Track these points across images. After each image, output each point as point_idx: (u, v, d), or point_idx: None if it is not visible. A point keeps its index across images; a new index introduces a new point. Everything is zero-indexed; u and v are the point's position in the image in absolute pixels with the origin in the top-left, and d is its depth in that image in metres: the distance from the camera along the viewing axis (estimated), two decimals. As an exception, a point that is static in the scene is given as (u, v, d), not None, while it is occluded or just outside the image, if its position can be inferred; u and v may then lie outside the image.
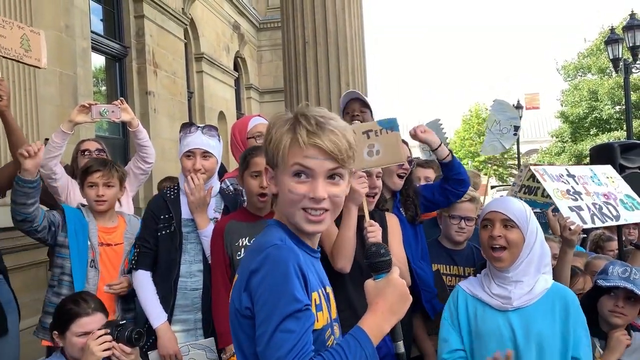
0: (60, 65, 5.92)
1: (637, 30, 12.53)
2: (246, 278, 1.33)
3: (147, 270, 2.83)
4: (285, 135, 1.37)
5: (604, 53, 24.09)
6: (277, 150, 1.38)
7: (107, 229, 3.05)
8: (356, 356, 1.28)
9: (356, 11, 5.41)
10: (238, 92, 14.24)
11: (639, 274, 2.57)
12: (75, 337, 2.43)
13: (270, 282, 1.28)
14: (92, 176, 3.00)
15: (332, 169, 1.37)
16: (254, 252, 1.37)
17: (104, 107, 3.32)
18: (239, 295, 1.35)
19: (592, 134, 28.16)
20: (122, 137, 8.33)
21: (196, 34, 11.44)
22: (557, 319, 2.16)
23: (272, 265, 1.29)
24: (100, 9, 8.32)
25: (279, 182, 1.41)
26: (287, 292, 1.26)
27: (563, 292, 2.25)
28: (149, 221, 2.86)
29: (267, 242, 1.35)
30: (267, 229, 1.46)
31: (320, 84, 5.10)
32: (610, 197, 3.33)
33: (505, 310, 2.18)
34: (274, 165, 1.41)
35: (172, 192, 2.91)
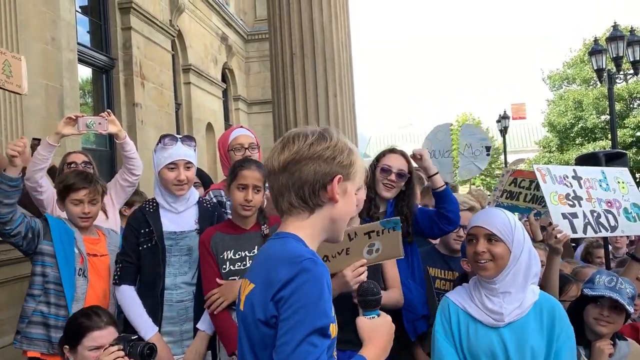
0: (46, 77, 5.89)
1: (620, 41, 12.74)
2: (276, 287, 1.33)
3: (131, 285, 2.82)
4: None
5: (588, 64, 24.45)
6: (354, 166, 1.50)
7: (92, 240, 3.04)
8: None
9: (343, 23, 5.45)
10: (226, 104, 14.23)
11: (625, 283, 2.59)
12: (87, 352, 2.39)
13: (305, 294, 1.30)
14: (77, 193, 2.97)
15: None
16: (280, 262, 1.37)
17: (90, 119, 3.30)
18: (263, 304, 1.36)
19: (578, 144, 28.48)
20: (108, 149, 8.28)
21: (184, 45, 11.45)
22: (545, 330, 2.15)
23: (310, 278, 1.32)
24: (86, 21, 8.30)
25: (347, 194, 1.50)
26: (320, 306, 1.31)
27: (550, 302, 2.24)
28: (130, 236, 2.85)
29: (299, 255, 1.37)
30: (287, 241, 1.45)
31: (308, 95, 5.10)
32: (614, 205, 3.22)
33: (497, 327, 2.16)
34: (347, 177, 1.49)
35: (151, 205, 2.90)
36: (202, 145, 11.82)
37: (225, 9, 13.59)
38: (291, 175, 1.47)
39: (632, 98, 27.84)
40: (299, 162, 1.46)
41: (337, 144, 1.48)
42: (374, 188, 3.01)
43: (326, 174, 1.46)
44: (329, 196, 1.46)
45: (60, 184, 3.05)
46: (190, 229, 2.86)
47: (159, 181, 2.88)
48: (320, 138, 1.49)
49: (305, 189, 1.46)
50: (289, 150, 1.49)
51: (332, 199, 1.46)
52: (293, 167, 1.47)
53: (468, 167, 5.84)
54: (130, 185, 3.71)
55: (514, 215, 2.30)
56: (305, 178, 1.46)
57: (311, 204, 1.47)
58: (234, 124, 13.67)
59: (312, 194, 1.46)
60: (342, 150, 1.48)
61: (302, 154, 1.47)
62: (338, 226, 1.52)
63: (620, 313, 2.58)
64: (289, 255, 1.38)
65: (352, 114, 5.52)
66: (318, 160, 1.45)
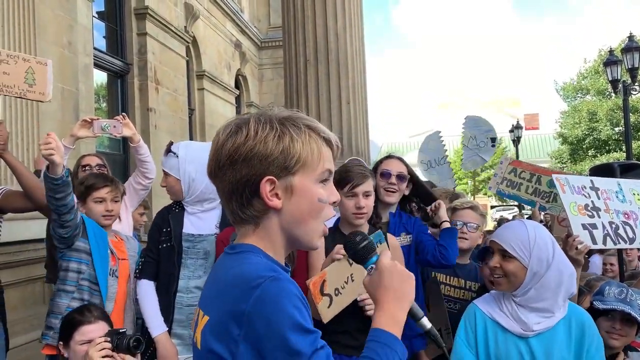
0: (62, 81, 5.95)
1: (636, 52, 12.63)
2: (245, 324, 1.06)
3: (151, 280, 2.86)
4: (311, 139, 1.19)
5: (603, 75, 24.30)
6: (295, 155, 1.17)
7: (115, 243, 3.05)
8: (389, 358, 1.17)
9: (357, 31, 5.47)
10: (239, 110, 14.31)
11: (635, 295, 2.55)
12: (79, 346, 2.42)
13: (285, 322, 1.05)
14: (99, 192, 3.00)
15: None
16: (236, 287, 1.10)
17: (105, 122, 3.33)
18: (225, 341, 1.09)
19: (591, 155, 28.25)
20: (122, 153, 8.35)
21: (198, 51, 11.54)
22: (573, 342, 2.11)
23: (279, 301, 1.06)
24: (103, 26, 8.40)
25: (297, 191, 1.18)
26: (304, 325, 1.08)
27: (580, 314, 2.18)
28: (154, 232, 2.92)
29: (257, 276, 1.09)
30: (243, 257, 1.17)
31: (321, 101, 5.12)
32: (631, 216, 3.18)
33: (526, 337, 2.13)
34: (282, 173, 1.16)
35: (177, 206, 2.95)
36: (214, 150, 11.86)
37: (239, 16, 13.69)
38: (219, 185, 1.22)
39: (647, 110, 27.58)
40: (220, 168, 1.19)
41: (257, 135, 1.15)
42: (377, 195, 2.96)
43: (248, 179, 1.15)
44: (264, 205, 1.17)
45: (81, 185, 3.07)
46: (209, 233, 2.88)
47: None
48: (234, 132, 1.17)
49: (233, 202, 1.19)
50: (211, 152, 1.22)
51: (269, 207, 1.17)
52: (217, 176, 1.20)
53: (472, 159, 5.79)
54: (143, 189, 3.73)
55: (542, 231, 2.18)
56: (229, 189, 1.19)
57: (246, 217, 1.19)
58: (246, 130, 13.70)
59: (243, 206, 1.18)
60: (263, 140, 1.14)
61: (219, 157, 1.18)
62: (300, 232, 1.21)
63: (632, 325, 2.54)
64: (246, 275, 1.11)
65: (365, 122, 5.53)
66: (235, 164, 1.16)
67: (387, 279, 1.27)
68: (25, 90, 3.08)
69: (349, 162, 2.93)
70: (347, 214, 2.60)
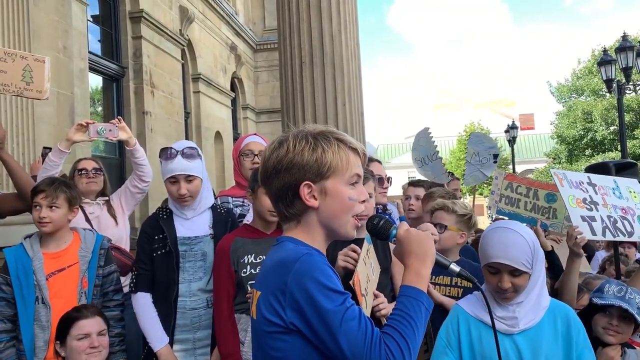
0: (57, 85, 5.95)
1: (630, 51, 12.70)
2: (287, 293, 1.32)
3: (147, 292, 2.81)
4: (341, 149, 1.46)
5: (597, 75, 24.40)
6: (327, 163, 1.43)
7: (57, 254, 2.89)
8: (417, 311, 1.38)
9: (352, 33, 5.48)
10: (235, 112, 14.30)
11: (634, 293, 2.56)
12: (75, 341, 2.42)
13: (315, 287, 1.30)
14: (36, 197, 2.86)
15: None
16: (280, 266, 1.37)
17: (101, 126, 3.32)
18: (275, 310, 1.34)
19: (587, 155, 28.36)
20: (118, 156, 8.34)
21: (193, 54, 11.53)
22: (560, 337, 2.13)
23: (311, 271, 1.32)
24: (98, 30, 8.40)
25: (330, 193, 1.44)
26: (334, 288, 1.31)
27: (563, 308, 2.22)
28: (143, 242, 2.84)
29: (295, 254, 1.37)
30: (283, 246, 1.45)
31: (317, 103, 5.13)
32: (629, 212, 3.23)
33: (512, 334, 2.14)
34: (317, 178, 1.43)
35: (164, 212, 2.90)
36: (210, 153, 11.87)
37: (234, 19, 13.70)
38: (268, 191, 1.51)
39: (641, 109, 27.70)
40: (268, 177, 1.48)
41: (295, 148, 1.43)
42: None
43: (290, 184, 1.44)
44: (304, 204, 1.44)
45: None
46: (204, 234, 2.86)
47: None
48: (277, 147, 1.47)
49: (279, 203, 1.48)
50: (260, 165, 1.53)
51: (307, 207, 1.44)
52: (266, 184, 1.50)
53: (474, 175, 5.88)
54: (140, 192, 3.73)
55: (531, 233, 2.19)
56: (276, 193, 1.47)
57: (290, 215, 1.47)
58: (242, 133, 13.75)
59: (287, 206, 1.46)
60: (300, 152, 1.43)
61: (267, 168, 1.48)
62: (336, 226, 1.47)
63: (629, 323, 2.55)
64: (287, 257, 1.38)
65: (361, 123, 5.54)
66: (279, 173, 1.44)
67: (406, 244, 1.51)
68: (23, 89, 3.06)
69: None
70: None
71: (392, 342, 1.31)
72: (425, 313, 1.40)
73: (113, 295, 2.95)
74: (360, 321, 1.30)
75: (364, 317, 1.32)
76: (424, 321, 1.40)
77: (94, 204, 3.66)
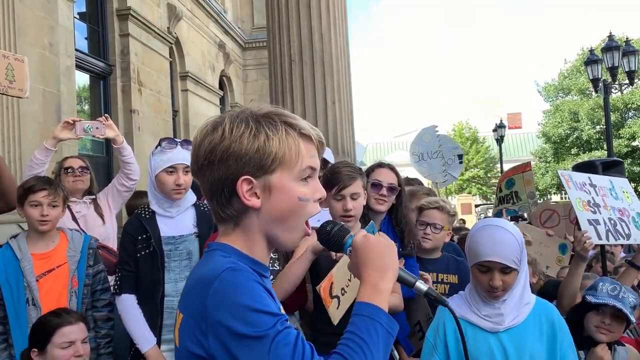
0: (43, 83, 5.87)
1: (616, 51, 12.83)
2: (208, 318, 1.07)
3: (131, 294, 2.78)
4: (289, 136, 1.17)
5: (584, 74, 24.61)
6: (272, 153, 1.15)
7: (46, 254, 2.86)
8: (371, 333, 1.12)
9: (341, 31, 5.47)
10: (223, 111, 14.21)
11: (627, 292, 2.58)
12: (59, 350, 2.35)
13: (236, 309, 1.05)
14: (35, 195, 2.81)
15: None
16: (201, 285, 1.11)
17: (88, 124, 3.29)
18: (197, 339, 1.09)
19: (573, 154, 28.60)
20: (105, 155, 8.27)
21: (181, 52, 11.46)
22: (545, 336, 2.14)
23: (233, 290, 1.07)
24: (84, 27, 8.31)
25: (276, 190, 1.17)
26: (261, 309, 1.06)
27: (548, 308, 2.24)
28: (126, 243, 2.80)
29: (215, 270, 1.11)
30: (211, 256, 1.19)
31: (306, 102, 5.12)
32: (625, 213, 3.22)
33: (497, 332, 2.15)
34: (259, 172, 1.15)
35: (147, 211, 2.86)
36: (198, 152, 11.81)
37: (223, 17, 13.63)
38: (201, 184, 1.23)
39: (627, 108, 28.00)
40: (200, 168, 1.19)
41: (232, 134, 1.14)
42: (367, 203, 2.89)
43: (225, 178, 1.15)
44: (242, 204, 1.16)
45: (20, 188, 2.91)
46: (188, 233, 2.84)
47: (154, 185, 2.83)
48: (210, 132, 1.17)
49: (213, 202, 1.20)
50: (191, 153, 1.24)
51: (247, 207, 1.16)
52: (197, 176, 1.22)
53: (445, 178, 5.95)
54: (127, 190, 3.70)
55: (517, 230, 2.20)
56: (209, 188, 1.19)
57: (226, 216, 1.20)
58: (231, 132, 13.66)
59: (223, 205, 1.18)
60: (238, 139, 1.13)
61: (198, 157, 1.19)
62: (281, 231, 1.20)
63: (621, 322, 2.57)
64: (208, 273, 1.12)
65: (350, 122, 5.53)
66: (212, 164, 1.16)
67: (363, 254, 1.24)
68: (7, 87, 3.03)
69: (337, 164, 2.89)
70: (335, 216, 2.57)
71: None
72: (384, 335, 1.14)
73: (101, 295, 2.94)
74: (295, 347, 1.05)
75: (300, 342, 1.07)
76: (383, 345, 1.13)
77: (80, 203, 3.62)
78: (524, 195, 4.79)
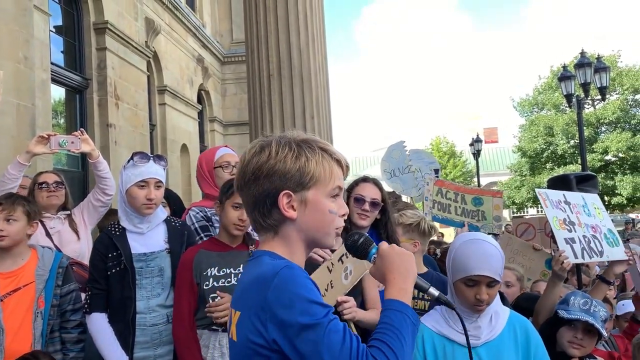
0: (18, 97, 5.78)
1: (588, 67, 13.14)
2: (268, 310, 1.25)
3: (102, 312, 2.73)
4: (324, 159, 1.39)
5: (557, 90, 25.14)
6: (310, 173, 1.37)
7: (12, 273, 2.75)
8: (403, 324, 1.32)
9: (320, 46, 5.51)
10: (202, 125, 14.18)
11: (598, 306, 2.61)
12: None
13: (296, 301, 1.24)
14: None
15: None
16: (259, 283, 1.29)
17: (63, 138, 3.24)
18: (257, 330, 1.27)
19: (549, 168, 29.10)
20: (81, 170, 8.15)
21: (159, 66, 11.42)
22: (520, 348, 2.16)
23: (292, 284, 1.26)
24: (61, 41, 8.23)
25: (311, 204, 1.37)
26: (315, 300, 1.26)
27: (522, 321, 2.25)
28: (97, 261, 2.75)
29: (274, 268, 1.30)
30: (260, 260, 1.37)
31: (285, 116, 5.12)
32: (597, 230, 3.24)
33: (475, 347, 2.15)
34: (298, 188, 1.36)
35: (117, 228, 2.81)
36: (176, 166, 11.72)
37: (201, 31, 13.63)
38: (244, 197, 1.43)
39: (599, 123, 28.65)
40: (246, 183, 1.40)
41: (278, 155, 1.36)
42: (349, 217, 2.89)
43: (269, 192, 1.36)
44: (281, 215, 1.37)
45: None
46: (160, 249, 2.80)
47: (124, 201, 2.79)
48: (258, 152, 1.39)
49: (256, 212, 1.40)
50: (237, 169, 1.45)
51: (285, 217, 1.37)
52: (243, 189, 1.42)
53: (421, 191, 5.97)
54: (102, 206, 3.64)
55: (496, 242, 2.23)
56: (252, 200, 1.39)
57: (267, 226, 1.40)
58: (209, 146, 13.62)
59: (264, 215, 1.39)
60: (283, 159, 1.35)
61: (245, 173, 1.39)
62: (316, 237, 1.41)
63: (593, 336, 2.60)
64: (265, 272, 1.30)
65: (329, 136, 5.55)
66: (258, 179, 1.37)
67: (389, 260, 1.44)
68: None
69: None
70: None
71: (379, 354, 1.25)
72: (412, 327, 1.34)
73: (71, 316, 2.82)
74: (344, 335, 1.24)
75: (348, 331, 1.26)
76: (412, 335, 1.33)
77: (54, 219, 3.55)
78: (490, 217, 4.86)
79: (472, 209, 4.93)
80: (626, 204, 28.82)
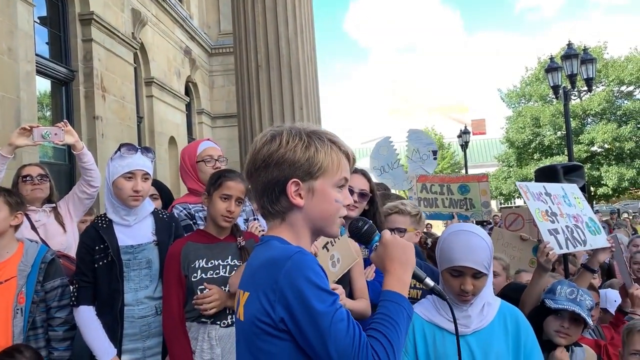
0: (2, 89, 5.70)
1: (575, 59, 13.20)
2: (278, 291, 1.29)
3: (89, 305, 2.71)
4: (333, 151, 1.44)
5: (544, 82, 25.28)
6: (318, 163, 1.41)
7: None
8: (400, 315, 1.38)
9: (309, 37, 5.47)
10: (189, 117, 14.09)
11: (584, 295, 2.63)
12: None
13: (307, 286, 1.28)
14: None
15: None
16: (270, 265, 1.34)
17: (46, 130, 3.19)
18: (265, 310, 1.31)
19: (536, 159, 29.29)
20: (67, 162, 8.07)
21: (146, 58, 11.31)
22: (510, 337, 2.17)
23: (304, 269, 1.30)
24: (45, 32, 8.11)
25: (318, 193, 1.42)
26: (325, 288, 1.30)
27: (512, 310, 2.27)
28: (83, 254, 2.73)
29: (286, 251, 1.34)
30: (270, 244, 1.41)
31: (274, 108, 5.09)
32: (579, 219, 3.26)
33: (464, 335, 2.16)
34: (306, 177, 1.41)
35: (103, 221, 2.79)
36: (164, 159, 11.64)
37: (189, 22, 13.51)
38: (253, 183, 1.48)
39: (585, 114, 28.84)
40: (256, 170, 1.45)
41: (288, 144, 1.41)
42: None
43: (278, 180, 1.41)
44: (289, 202, 1.42)
45: None
46: (147, 241, 2.78)
47: (111, 193, 2.77)
48: (269, 141, 1.44)
49: (264, 199, 1.45)
50: (248, 156, 1.49)
51: (293, 205, 1.42)
52: (253, 176, 1.47)
53: (416, 172, 5.97)
54: (88, 198, 3.60)
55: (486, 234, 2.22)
56: (262, 187, 1.44)
57: (275, 212, 1.45)
58: (197, 138, 13.53)
59: (272, 202, 1.44)
60: (293, 149, 1.41)
61: (256, 161, 1.45)
62: (321, 225, 1.47)
63: (579, 325, 2.63)
64: (277, 255, 1.35)
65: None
66: (268, 167, 1.42)
67: (391, 250, 1.51)
68: None
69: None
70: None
71: (378, 345, 1.31)
72: (407, 319, 1.40)
73: (55, 313, 2.76)
74: (348, 324, 1.29)
75: (351, 320, 1.30)
76: (406, 327, 1.40)
77: (40, 212, 3.51)
78: (478, 204, 4.88)
79: (459, 198, 4.95)
80: (612, 195, 29.11)
